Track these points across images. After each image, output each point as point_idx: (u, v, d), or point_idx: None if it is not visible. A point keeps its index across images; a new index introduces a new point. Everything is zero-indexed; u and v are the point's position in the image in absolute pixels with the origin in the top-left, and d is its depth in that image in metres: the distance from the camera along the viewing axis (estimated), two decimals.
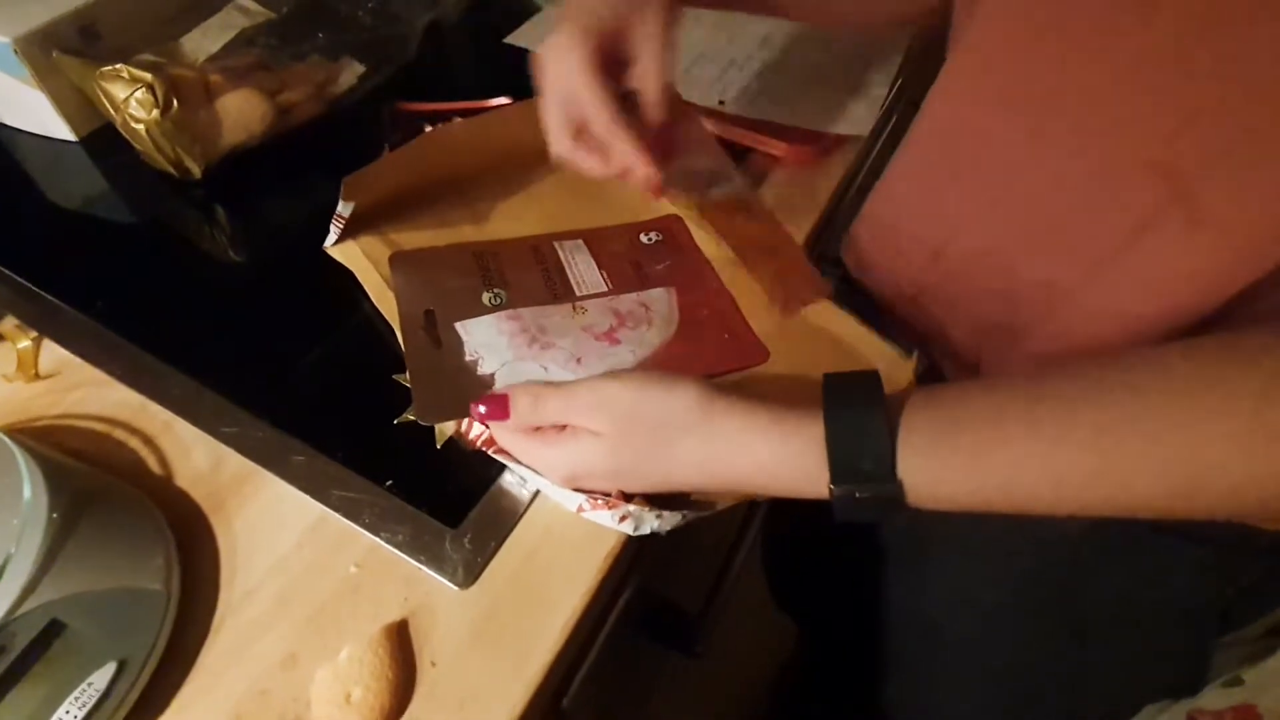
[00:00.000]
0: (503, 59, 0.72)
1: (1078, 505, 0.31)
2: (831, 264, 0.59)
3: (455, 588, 0.37)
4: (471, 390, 0.41)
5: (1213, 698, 0.88)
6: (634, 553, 0.42)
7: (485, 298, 0.47)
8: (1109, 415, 0.30)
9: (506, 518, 0.40)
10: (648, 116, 0.45)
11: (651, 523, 0.38)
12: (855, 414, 0.33)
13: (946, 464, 0.32)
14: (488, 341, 0.45)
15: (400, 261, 0.49)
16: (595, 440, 0.36)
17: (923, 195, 0.48)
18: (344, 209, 0.47)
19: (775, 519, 0.69)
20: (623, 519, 0.38)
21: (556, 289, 0.49)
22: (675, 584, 0.59)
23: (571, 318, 0.47)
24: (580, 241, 0.53)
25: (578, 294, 0.49)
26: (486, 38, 0.74)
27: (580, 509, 0.39)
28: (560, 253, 0.52)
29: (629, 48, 0.44)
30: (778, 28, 0.74)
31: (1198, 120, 0.33)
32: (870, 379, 0.34)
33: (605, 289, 0.49)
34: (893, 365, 0.45)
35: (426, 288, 0.48)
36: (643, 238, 0.53)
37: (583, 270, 0.50)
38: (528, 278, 0.49)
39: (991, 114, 0.41)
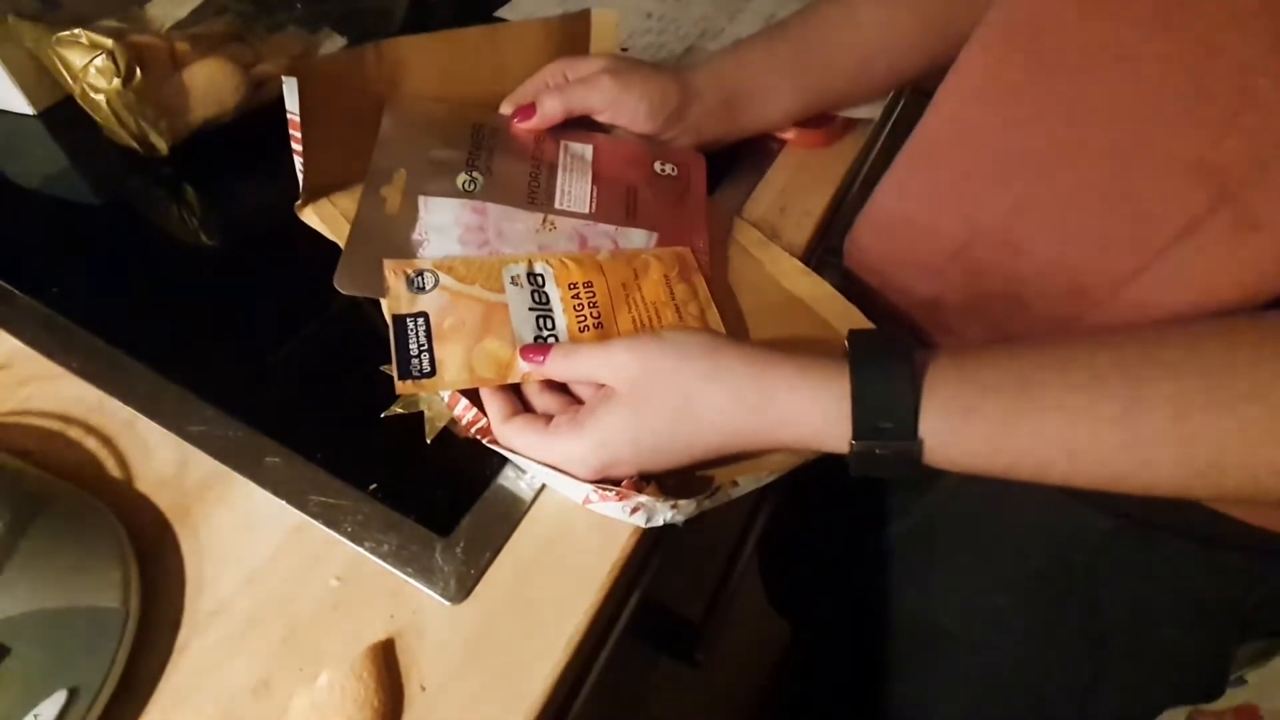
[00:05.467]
0: None
1: (1093, 479, 0.32)
2: (836, 255, 0.56)
3: (447, 603, 0.35)
4: None
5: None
6: (641, 561, 0.39)
7: (461, 179, 0.46)
8: (1138, 392, 0.30)
9: (503, 525, 0.37)
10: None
11: (665, 513, 0.36)
12: (881, 371, 0.33)
13: (968, 428, 0.32)
14: (442, 225, 0.43)
15: (395, 110, 0.48)
16: (616, 411, 0.35)
17: (937, 192, 0.46)
18: (292, 103, 0.43)
19: (775, 521, 0.67)
20: (634, 510, 0.35)
21: (537, 194, 0.47)
22: (676, 591, 0.57)
23: (535, 232, 0.45)
24: (591, 147, 0.50)
25: (555, 205, 0.46)
26: (475, 11, 0.71)
27: (587, 500, 0.36)
28: (562, 153, 0.49)
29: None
30: (783, 6, 0.71)
31: (1245, 118, 0.32)
32: (898, 337, 0.35)
33: (586, 210, 0.47)
34: None
35: (408, 147, 0.46)
36: (657, 166, 0.50)
37: (574, 182, 0.48)
38: (514, 170, 0.47)
39: (1015, 109, 0.40)
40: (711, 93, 0.51)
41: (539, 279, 0.42)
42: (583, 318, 0.41)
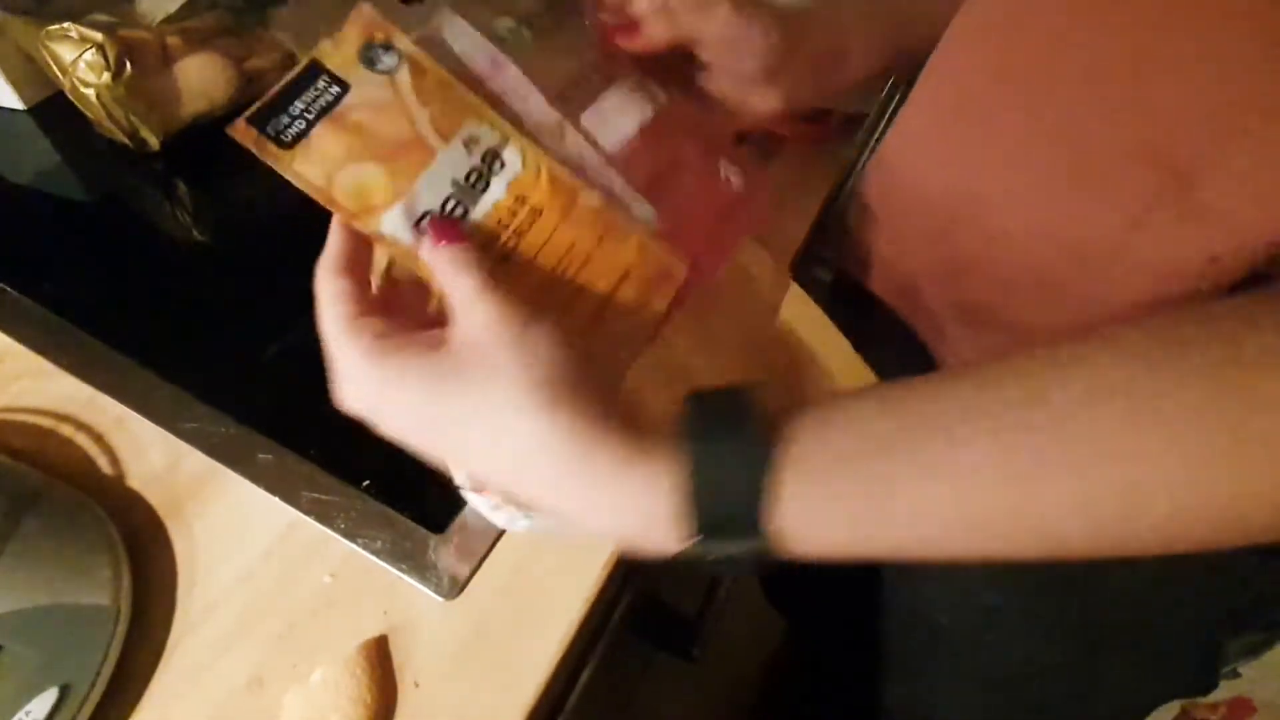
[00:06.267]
0: None
1: (992, 551, 0.26)
2: (825, 261, 0.56)
3: (440, 599, 0.35)
4: None
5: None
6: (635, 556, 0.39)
7: (504, 24, 0.37)
8: (1033, 442, 0.24)
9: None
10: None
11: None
12: (718, 451, 0.26)
13: (828, 511, 0.26)
14: (459, 48, 0.35)
15: None
16: (426, 371, 0.28)
17: (919, 178, 0.46)
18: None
19: None
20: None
21: (572, 95, 0.37)
22: (672, 586, 0.57)
23: (539, 126, 0.36)
24: (665, 97, 0.40)
25: (581, 120, 0.37)
26: None
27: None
28: (628, 81, 0.39)
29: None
30: None
31: (1194, 109, 0.32)
32: (740, 401, 0.27)
33: (610, 149, 0.37)
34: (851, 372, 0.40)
35: None
36: (722, 165, 0.40)
37: (619, 114, 0.38)
38: (567, 56, 0.38)
39: (989, 93, 0.40)
40: (815, 43, 0.45)
41: (498, 163, 0.33)
42: (490, 240, 0.32)
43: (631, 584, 0.42)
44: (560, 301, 0.33)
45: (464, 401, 0.27)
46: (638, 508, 0.26)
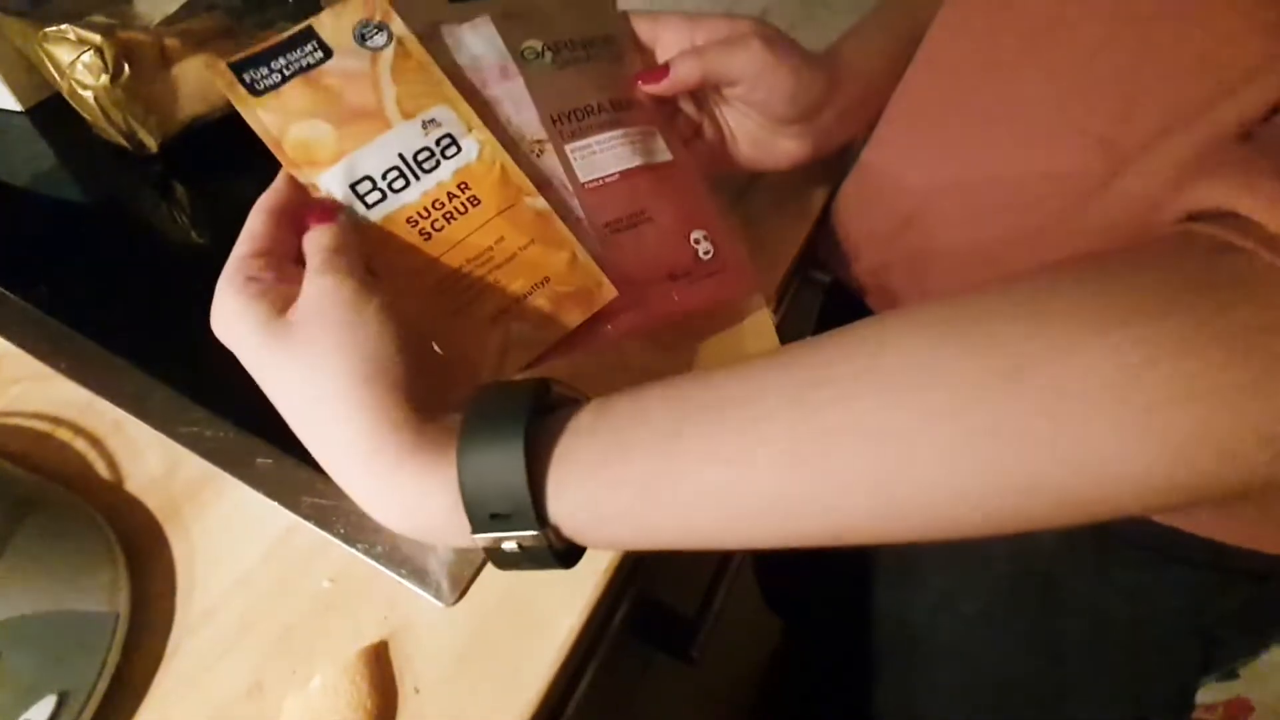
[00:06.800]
0: None
1: (780, 537, 0.25)
2: (823, 263, 0.56)
3: (440, 604, 0.34)
4: None
5: (1207, 692, 0.88)
6: (635, 558, 0.39)
7: (531, 45, 0.37)
8: (807, 425, 0.24)
9: None
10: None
11: None
12: (490, 442, 0.25)
13: (610, 501, 0.25)
14: (476, 50, 0.36)
15: None
16: (270, 332, 0.28)
17: (891, 171, 0.47)
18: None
19: None
20: None
21: (568, 124, 0.37)
22: (671, 587, 0.57)
23: (521, 140, 0.36)
24: (670, 156, 0.39)
25: (568, 147, 0.36)
26: None
27: None
28: (636, 127, 0.38)
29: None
30: (779, 2, 0.70)
31: (1143, 100, 0.33)
32: (517, 392, 0.27)
33: (583, 181, 0.36)
34: None
35: None
36: (694, 235, 0.38)
37: (605, 156, 0.37)
38: (576, 96, 0.37)
39: (962, 81, 0.41)
40: (847, 93, 0.44)
41: (453, 148, 0.33)
42: (420, 216, 0.32)
43: (631, 587, 0.42)
44: (469, 289, 0.33)
45: (287, 366, 0.28)
46: (418, 496, 0.26)
